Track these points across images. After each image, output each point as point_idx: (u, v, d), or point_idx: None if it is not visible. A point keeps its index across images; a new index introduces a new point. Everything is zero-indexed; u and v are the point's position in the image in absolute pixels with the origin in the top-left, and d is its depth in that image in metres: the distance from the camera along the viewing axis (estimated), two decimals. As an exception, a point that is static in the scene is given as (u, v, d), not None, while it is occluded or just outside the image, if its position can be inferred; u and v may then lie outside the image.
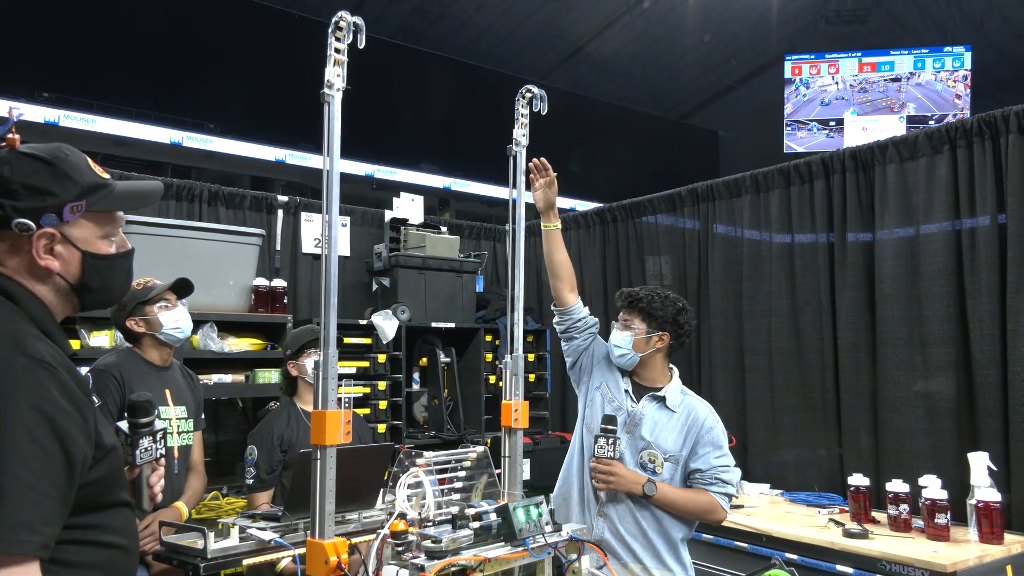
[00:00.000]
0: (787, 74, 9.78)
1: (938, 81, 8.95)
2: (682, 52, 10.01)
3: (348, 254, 4.68)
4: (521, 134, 2.16)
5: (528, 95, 2.14)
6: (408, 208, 4.73)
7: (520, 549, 1.81)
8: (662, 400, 2.42)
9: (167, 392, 2.69)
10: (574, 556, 1.96)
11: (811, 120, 9.66)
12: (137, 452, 1.40)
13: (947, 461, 3.09)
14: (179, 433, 2.70)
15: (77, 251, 1.22)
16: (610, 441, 2.29)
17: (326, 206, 1.53)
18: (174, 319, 2.69)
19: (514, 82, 2.21)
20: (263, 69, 7.38)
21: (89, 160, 1.26)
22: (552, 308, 2.59)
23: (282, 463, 2.83)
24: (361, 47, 1.57)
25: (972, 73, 8.91)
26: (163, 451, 1.44)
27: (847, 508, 3.21)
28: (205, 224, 3.81)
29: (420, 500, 1.97)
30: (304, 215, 4.50)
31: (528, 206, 2.34)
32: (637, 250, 4.68)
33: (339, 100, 1.54)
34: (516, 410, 2.17)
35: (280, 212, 4.44)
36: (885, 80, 9.21)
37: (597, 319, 2.60)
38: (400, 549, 1.78)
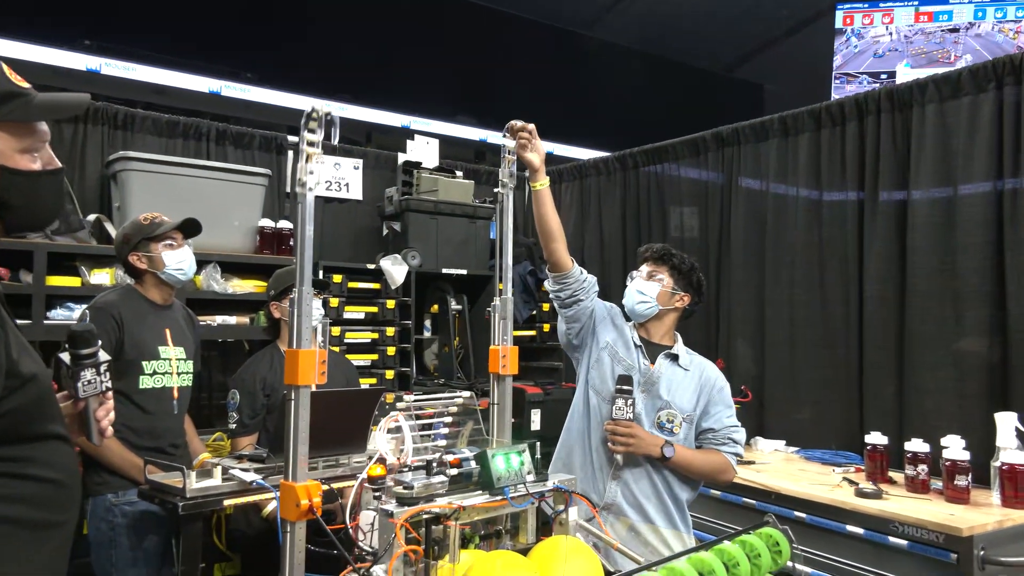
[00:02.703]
0: (838, 24, 9.29)
1: (999, 32, 8.44)
2: (730, 1, 9.54)
3: (360, 198, 4.58)
4: (507, 173, 2.00)
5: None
6: (422, 151, 4.59)
7: (499, 499, 1.73)
8: (675, 358, 2.33)
9: (167, 331, 2.65)
10: (561, 507, 1.88)
11: (862, 72, 9.19)
12: (79, 384, 1.32)
13: (974, 422, 2.92)
14: (179, 374, 2.66)
15: None
16: (628, 402, 2.18)
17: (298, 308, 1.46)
18: (177, 259, 2.63)
19: (555, 32, 2.05)
20: (302, 18, 7.27)
21: (5, 67, 1.16)
22: (549, 274, 2.39)
23: (265, 407, 2.78)
24: (335, 142, 1.44)
25: (1037, 23, 8.34)
26: (109, 384, 1.37)
27: (863, 467, 3.08)
28: (210, 163, 3.73)
29: (400, 444, 1.89)
30: (315, 157, 4.39)
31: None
32: (658, 197, 4.49)
33: (312, 200, 1.40)
34: (504, 356, 2.08)
35: (290, 153, 4.34)
36: (942, 31, 8.71)
37: (595, 276, 2.45)
38: (377, 495, 1.71)
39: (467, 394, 2.11)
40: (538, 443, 2.38)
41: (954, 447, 2.65)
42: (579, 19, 8.85)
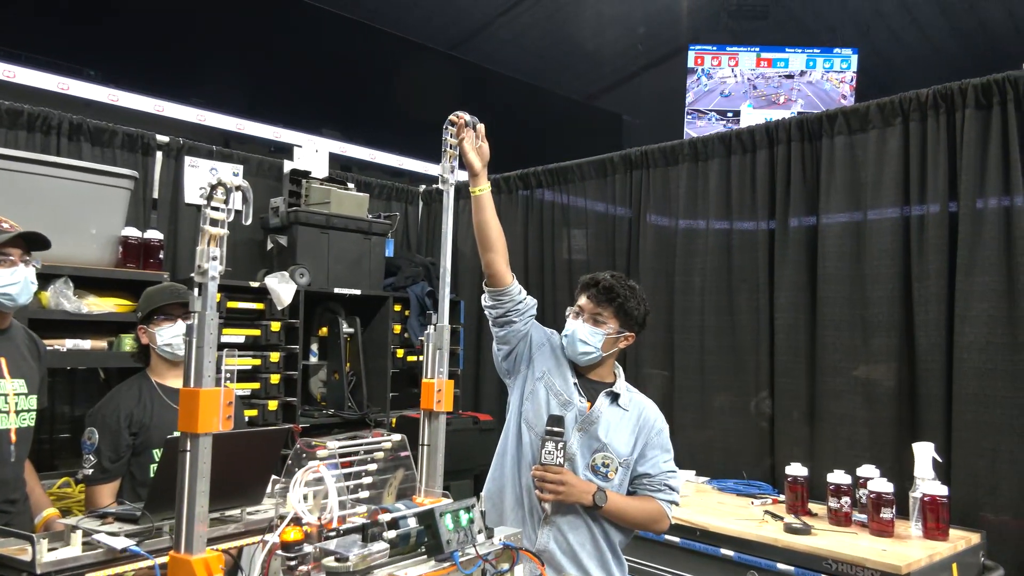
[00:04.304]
0: (690, 63, 10.02)
1: (826, 80, 9.45)
2: (592, 34, 9.87)
3: (240, 207, 4.12)
4: (448, 168, 1.89)
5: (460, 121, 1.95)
6: (311, 160, 4.22)
7: (446, 565, 1.47)
8: (615, 397, 2.14)
9: (3, 361, 2.16)
10: (506, 566, 1.64)
11: (711, 110, 9.93)
12: None
13: (885, 450, 2.95)
14: (17, 412, 2.16)
15: None
16: (559, 446, 1.99)
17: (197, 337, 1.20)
18: (5, 280, 2.13)
19: (424, 51, 1.88)
20: (150, 12, 6.62)
21: None
22: (485, 288, 2.18)
23: (131, 448, 2.33)
24: (247, 223, 1.28)
25: (857, 75, 9.42)
26: None
27: (780, 498, 3.03)
28: (62, 160, 3.19)
29: (320, 501, 1.57)
30: (188, 160, 3.91)
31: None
32: (563, 218, 4.36)
33: (215, 288, 1.20)
34: (439, 390, 1.84)
35: (159, 155, 3.84)
36: (780, 76, 9.64)
37: (535, 299, 2.25)
38: (293, 563, 1.39)
39: (397, 437, 1.82)
40: (481, 496, 2.11)
41: (877, 480, 2.63)
42: (447, 40, 8.76)
